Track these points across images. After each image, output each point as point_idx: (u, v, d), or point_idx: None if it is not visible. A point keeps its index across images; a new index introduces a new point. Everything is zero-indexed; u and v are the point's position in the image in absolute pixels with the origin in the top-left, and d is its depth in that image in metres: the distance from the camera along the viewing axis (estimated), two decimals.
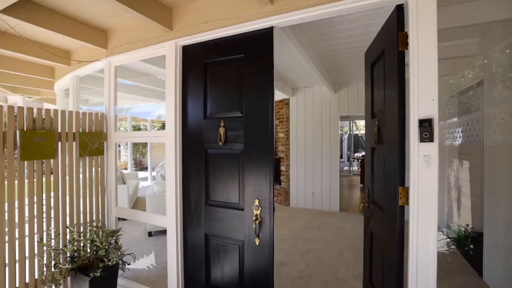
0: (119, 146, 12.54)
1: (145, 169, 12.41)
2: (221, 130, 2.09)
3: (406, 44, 1.55)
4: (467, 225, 3.39)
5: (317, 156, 5.90)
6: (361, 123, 13.89)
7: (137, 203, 5.90)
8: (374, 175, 2.13)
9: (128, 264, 2.70)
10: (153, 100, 6.40)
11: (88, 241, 2.10)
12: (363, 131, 14.44)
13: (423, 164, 1.43)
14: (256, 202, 1.94)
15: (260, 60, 1.95)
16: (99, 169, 2.69)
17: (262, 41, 1.96)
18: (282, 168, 6.32)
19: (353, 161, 12.07)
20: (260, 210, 1.93)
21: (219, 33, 2.08)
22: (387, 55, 1.76)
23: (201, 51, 2.24)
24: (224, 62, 2.13)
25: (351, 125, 12.98)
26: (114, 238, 2.43)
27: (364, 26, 2.77)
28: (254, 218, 1.93)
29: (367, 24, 2.72)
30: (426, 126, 1.40)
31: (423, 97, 1.44)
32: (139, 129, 13.88)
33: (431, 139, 1.40)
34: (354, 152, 12.61)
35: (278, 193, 6.49)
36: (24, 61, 3.62)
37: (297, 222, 4.94)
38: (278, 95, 6.16)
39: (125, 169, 10.97)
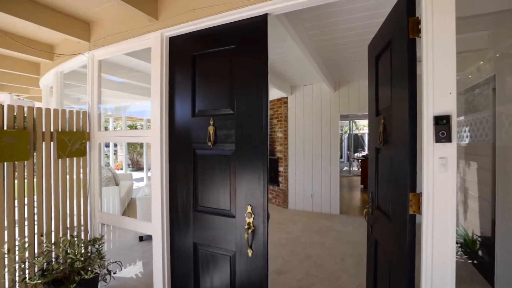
0: (116, 146, 12.33)
1: (142, 169, 12.20)
2: (211, 129, 1.90)
3: (417, 31, 1.36)
4: (482, 233, 3.17)
5: (317, 156, 5.71)
6: (361, 122, 13.71)
7: (131, 205, 5.72)
8: (378, 178, 1.95)
9: (114, 273, 2.51)
10: (148, 98, 6.19)
11: (63, 252, 1.90)
12: (363, 131, 14.28)
13: (439, 167, 1.23)
14: (249, 209, 1.74)
15: (253, 51, 1.76)
16: (81, 171, 2.49)
17: (255, 30, 1.76)
18: (281, 169, 6.12)
19: (353, 161, 11.91)
20: (253, 218, 1.73)
21: (208, 22, 1.89)
22: (394, 45, 1.57)
23: (189, 42, 2.04)
24: (214, 54, 1.94)
25: (351, 124, 12.80)
26: (96, 246, 2.25)
27: (367, 17, 2.58)
28: (246, 226, 1.74)
29: (370, 15, 2.53)
30: (443, 123, 1.20)
31: (439, 90, 1.24)
32: (136, 129, 13.67)
33: (448, 139, 1.20)
34: (354, 152, 12.45)
35: (276, 194, 6.30)
36: (8, 57, 3.42)
37: (296, 226, 4.75)
38: (277, 93, 5.97)
39: (121, 169, 10.78)
